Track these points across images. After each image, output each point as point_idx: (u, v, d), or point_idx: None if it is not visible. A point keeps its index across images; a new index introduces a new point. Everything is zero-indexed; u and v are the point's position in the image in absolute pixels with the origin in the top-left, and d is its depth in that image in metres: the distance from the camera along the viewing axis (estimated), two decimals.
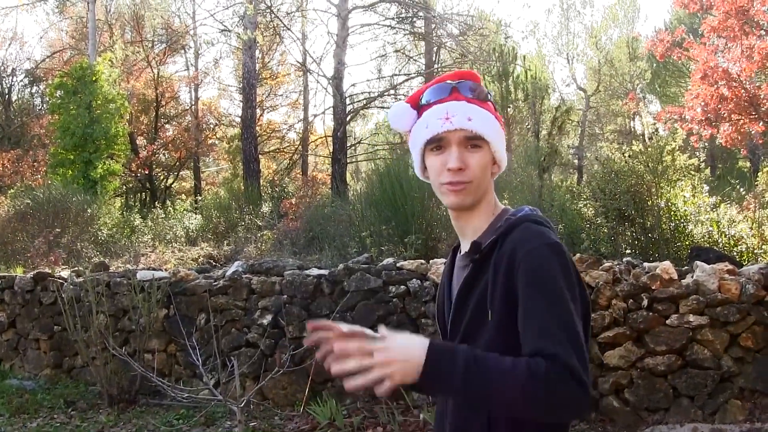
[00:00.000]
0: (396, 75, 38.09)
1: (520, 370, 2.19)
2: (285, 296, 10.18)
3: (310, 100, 42.19)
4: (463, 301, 2.62)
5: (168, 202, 31.52)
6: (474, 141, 2.62)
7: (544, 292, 2.34)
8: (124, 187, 36.86)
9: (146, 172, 36.66)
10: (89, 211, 21.15)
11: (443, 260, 10.27)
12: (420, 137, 2.69)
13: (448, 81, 2.74)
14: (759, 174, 20.28)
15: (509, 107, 27.40)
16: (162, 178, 40.24)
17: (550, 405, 2.20)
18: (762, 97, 16.96)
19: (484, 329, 2.50)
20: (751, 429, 8.49)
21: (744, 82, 17.00)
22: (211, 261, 16.79)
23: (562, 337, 2.25)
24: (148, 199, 37.75)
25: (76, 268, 13.23)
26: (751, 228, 13.21)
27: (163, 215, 25.46)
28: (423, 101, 2.75)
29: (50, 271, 12.77)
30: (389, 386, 2.30)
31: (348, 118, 31.58)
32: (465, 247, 2.76)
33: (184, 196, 37.06)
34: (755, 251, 12.61)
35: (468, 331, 2.56)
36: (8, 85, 40.66)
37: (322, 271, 10.40)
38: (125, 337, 11.15)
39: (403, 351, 2.31)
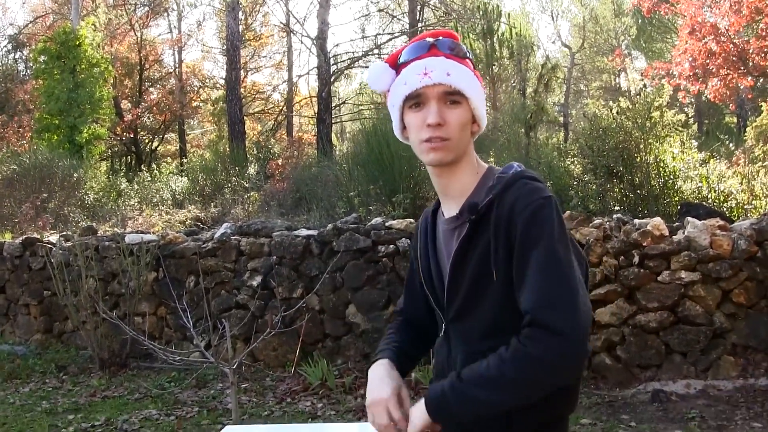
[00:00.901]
0: (380, 34, 38.03)
1: (492, 364, 2.29)
2: (274, 257, 10.18)
3: (294, 61, 42.18)
4: (461, 263, 2.55)
5: (154, 165, 31.40)
6: (453, 97, 2.56)
7: (540, 250, 2.33)
8: (110, 151, 36.74)
9: (131, 136, 36.60)
10: (75, 175, 21.08)
11: None
12: (399, 94, 2.63)
13: (427, 38, 2.66)
14: (747, 129, 20.30)
15: (494, 65, 27.34)
16: (147, 141, 40.12)
17: (530, 371, 2.24)
18: (751, 51, 16.91)
19: (489, 289, 2.47)
20: (744, 385, 8.54)
21: (732, 36, 16.95)
22: (199, 223, 16.76)
23: (549, 293, 2.27)
24: (133, 162, 37.64)
25: (64, 233, 13.18)
26: (741, 183, 13.23)
27: (149, 178, 25.40)
28: (401, 60, 2.68)
29: (38, 236, 12.74)
30: None
31: (332, 79, 31.48)
32: (449, 209, 2.70)
33: (169, 159, 36.95)
34: (745, 206, 12.63)
35: (471, 293, 2.52)
36: None
37: (311, 232, 10.39)
38: (115, 300, 11.16)
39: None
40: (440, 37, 2.65)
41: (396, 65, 2.69)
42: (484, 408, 2.32)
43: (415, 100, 2.58)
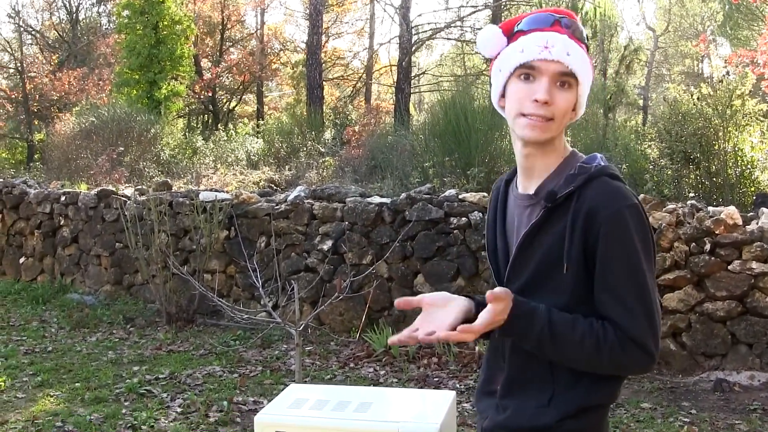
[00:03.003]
0: (463, 6, 37.69)
1: (588, 344, 2.34)
2: (346, 223, 10.18)
3: (376, 29, 42.10)
4: (528, 246, 2.54)
5: (230, 125, 31.64)
6: (566, 78, 2.49)
7: (624, 261, 2.36)
8: (187, 108, 37.02)
9: (209, 95, 36.78)
10: (152, 131, 21.29)
11: None
12: (512, 60, 2.54)
13: (551, 14, 2.57)
14: None
15: None
16: (225, 101, 40.36)
17: (613, 369, 2.41)
18: None
19: (555, 277, 2.46)
20: None
21: None
22: (272, 185, 16.82)
23: (637, 310, 2.34)
24: (210, 121, 37.92)
25: (139, 187, 13.33)
26: None
27: (225, 138, 25.52)
28: (519, 27, 2.59)
29: (113, 189, 12.87)
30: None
31: (413, 49, 31.37)
32: (527, 185, 2.64)
33: (246, 120, 37.18)
34: None
35: (536, 277, 2.51)
36: (76, 4, 40.83)
37: (384, 200, 10.37)
38: (185, 257, 11.25)
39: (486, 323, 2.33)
40: (564, 16, 2.57)
41: (510, 34, 2.61)
42: (554, 355, 2.44)
43: (527, 71, 2.50)
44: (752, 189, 12.37)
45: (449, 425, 3.62)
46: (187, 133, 27.29)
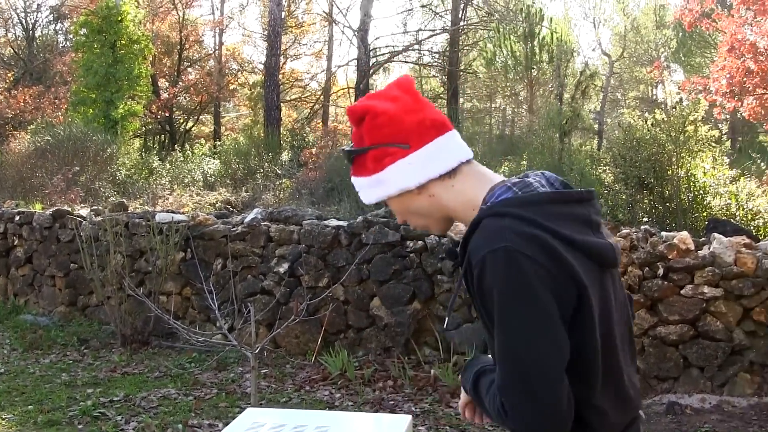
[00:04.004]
0: (421, 30, 37.93)
1: (492, 409, 2.25)
2: (303, 246, 10.19)
3: (334, 51, 42.19)
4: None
5: (187, 146, 31.54)
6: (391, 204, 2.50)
7: (490, 317, 2.17)
8: (144, 128, 36.86)
9: (167, 115, 36.70)
10: (108, 150, 21.20)
11: None
12: None
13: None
14: None
15: (533, 68, 27.34)
16: (182, 121, 40.29)
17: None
18: None
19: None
20: (759, 403, 8.53)
21: None
22: (229, 206, 16.81)
23: (502, 373, 2.14)
24: (167, 141, 37.83)
25: (95, 207, 13.26)
26: None
27: (182, 158, 25.48)
28: None
29: (69, 209, 12.80)
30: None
31: (371, 71, 31.49)
32: None
33: (203, 141, 37.07)
34: None
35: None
36: (32, 21, 40.66)
37: (341, 223, 10.40)
38: (141, 278, 11.19)
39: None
40: (344, 148, 2.55)
41: None
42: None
43: None
44: (704, 214, 12.54)
45: None
46: (143, 154, 27.21)
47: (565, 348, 2.09)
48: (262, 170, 21.06)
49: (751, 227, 12.25)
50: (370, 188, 2.45)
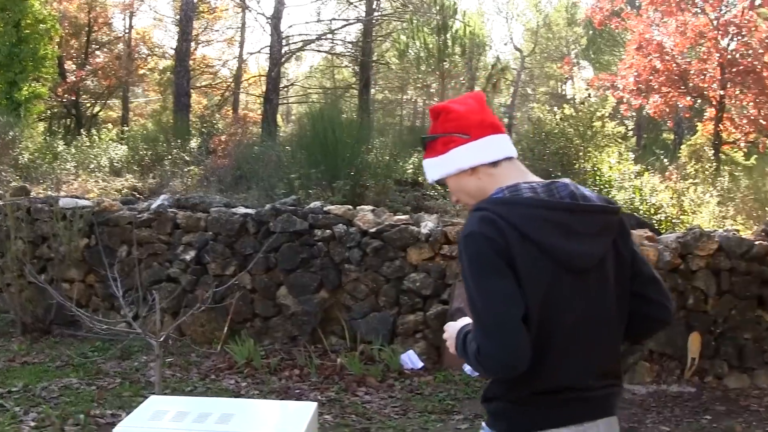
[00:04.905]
0: (335, 19, 37.88)
1: (473, 357, 2.81)
2: (210, 233, 10.11)
3: (246, 38, 41.95)
4: None
5: (93, 131, 31.02)
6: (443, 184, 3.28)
7: (467, 287, 2.84)
8: (49, 111, 36.26)
9: (73, 98, 36.13)
10: (11, 133, 20.75)
11: (370, 207, 10.31)
12: None
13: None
14: (682, 146, 20.66)
15: (446, 61, 27.44)
16: (89, 105, 39.67)
17: (486, 375, 2.89)
18: (692, 72, 17.28)
19: None
20: (657, 390, 8.85)
21: (676, 56, 17.26)
22: (135, 193, 16.60)
23: (476, 324, 2.80)
24: (73, 125, 37.16)
25: None
26: (672, 198, 13.48)
27: (88, 143, 25.06)
28: None
29: None
30: (450, 352, 3.14)
31: (283, 59, 31.35)
32: None
33: (110, 126, 36.53)
34: (673, 220, 12.92)
35: None
36: None
37: (249, 210, 10.34)
38: (43, 264, 10.96)
39: (451, 332, 3.11)
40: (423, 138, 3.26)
41: None
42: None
43: None
44: None
45: None
46: (48, 137, 26.70)
47: (519, 302, 2.73)
48: (170, 157, 20.82)
49: (654, 221, 12.52)
50: (436, 167, 3.16)
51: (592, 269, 2.91)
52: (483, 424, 3.13)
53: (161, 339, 6.58)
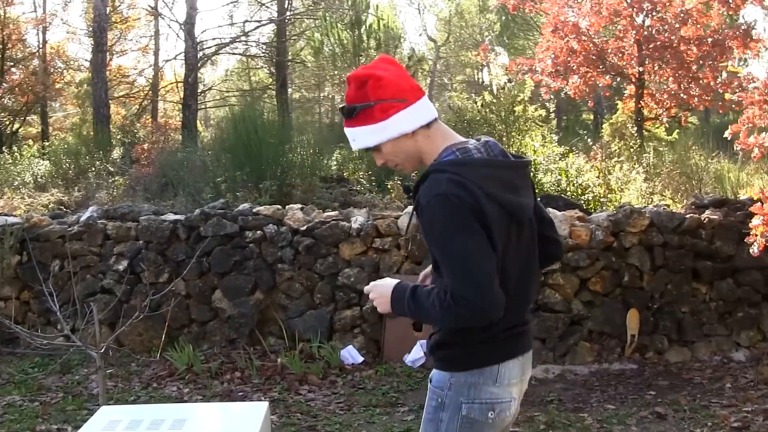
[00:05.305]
0: (248, 21, 37.81)
1: (435, 307, 3.10)
2: (141, 242, 10.15)
3: (161, 45, 41.56)
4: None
5: (14, 148, 30.63)
6: (371, 152, 3.44)
7: (436, 241, 3.11)
8: None
9: None
10: None
11: (299, 206, 10.39)
12: None
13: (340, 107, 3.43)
14: (604, 125, 20.94)
15: (361, 56, 27.48)
16: (8, 123, 39.09)
17: (454, 323, 3.19)
18: (609, 51, 17.48)
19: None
20: (599, 369, 8.95)
21: (593, 36, 17.45)
22: (62, 207, 16.47)
23: (456, 274, 3.04)
24: None
25: None
26: (598, 177, 13.66)
27: (10, 161, 24.76)
28: None
29: None
30: (380, 311, 3.39)
31: (199, 64, 31.22)
32: None
33: (31, 142, 36.05)
34: (601, 199, 13.07)
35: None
36: None
37: (178, 217, 10.39)
38: None
39: (382, 291, 3.35)
40: (342, 106, 3.41)
41: None
42: (422, 320, 3.42)
43: None
44: (537, 191, 12.90)
45: None
46: None
47: (492, 256, 3.08)
48: (93, 169, 20.66)
49: (582, 201, 12.69)
50: (374, 134, 3.32)
51: (527, 218, 3.32)
52: (434, 372, 3.45)
53: (102, 350, 6.64)
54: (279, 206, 10.29)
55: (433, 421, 3.45)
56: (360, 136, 3.38)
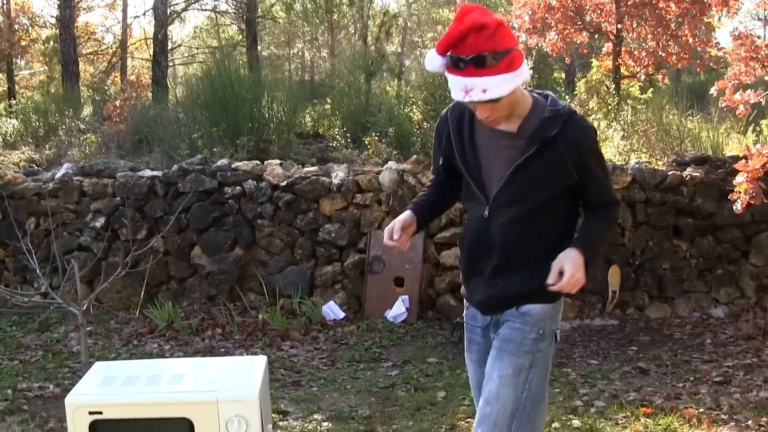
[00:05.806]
0: None
1: (608, 229, 3.75)
2: (118, 198, 10.03)
3: (129, 2, 41.13)
4: (523, 169, 3.44)
5: None
6: (492, 103, 3.29)
7: (603, 165, 3.62)
8: None
9: None
10: None
11: (278, 161, 10.29)
12: (452, 93, 3.37)
13: (462, 57, 3.23)
14: (578, 83, 20.91)
15: (333, 12, 27.30)
16: None
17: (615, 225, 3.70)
18: (587, 8, 17.40)
19: (547, 186, 3.50)
20: (581, 325, 9.03)
21: None
22: (34, 164, 16.29)
23: (611, 186, 3.69)
24: None
25: None
26: None
27: None
28: (444, 52, 3.32)
29: None
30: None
31: (168, 21, 30.92)
32: (507, 126, 3.49)
33: None
34: None
35: (529, 189, 3.48)
36: None
37: (156, 173, 10.26)
38: None
39: (580, 267, 3.52)
40: (473, 55, 3.20)
41: (443, 53, 3.33)
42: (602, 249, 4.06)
43: None
44: None
45: (265, 390, 3.67)
46: None
47: None
48: (64, 126, 20.42)
49: None
50: (508, 82, 3.24)
51: None
52: (532, 308, 3.65)
53: (84, 307, 6.55)
54: (258, 162, 10.19)
55: (530, 353, 3.59)
56: (497, 86, 3.22)
